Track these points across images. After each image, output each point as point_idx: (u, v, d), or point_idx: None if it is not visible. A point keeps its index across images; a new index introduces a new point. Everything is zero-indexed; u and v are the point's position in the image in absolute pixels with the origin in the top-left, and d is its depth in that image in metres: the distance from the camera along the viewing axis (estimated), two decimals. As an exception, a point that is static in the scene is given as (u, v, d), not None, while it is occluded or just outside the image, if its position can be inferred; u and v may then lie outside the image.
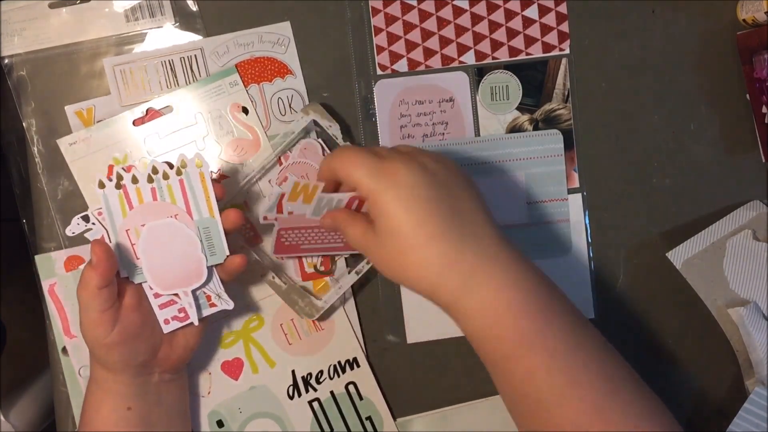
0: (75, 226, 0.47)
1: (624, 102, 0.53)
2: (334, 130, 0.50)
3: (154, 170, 0.43)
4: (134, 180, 0.43)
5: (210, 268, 0.44)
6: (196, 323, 0.45)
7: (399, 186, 0.39)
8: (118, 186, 0.43)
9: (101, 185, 0.43)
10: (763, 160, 0.53)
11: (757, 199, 0.53)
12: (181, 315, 0.45)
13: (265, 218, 0.45)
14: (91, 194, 0.50)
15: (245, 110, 0.51)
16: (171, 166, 0.44)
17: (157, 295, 0.44)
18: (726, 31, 0.53)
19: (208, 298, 0.45)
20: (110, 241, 0.44)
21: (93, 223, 0.47)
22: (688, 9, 0.53)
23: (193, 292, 0.45)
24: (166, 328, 0.45)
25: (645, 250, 0.53)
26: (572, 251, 0.53)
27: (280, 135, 0.50)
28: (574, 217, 0.53)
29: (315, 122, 0.50)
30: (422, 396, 0.52)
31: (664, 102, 0.53)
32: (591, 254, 0.53)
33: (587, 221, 0.53)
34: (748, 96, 0.53)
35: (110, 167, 0.49)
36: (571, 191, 0.53)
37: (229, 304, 0.45)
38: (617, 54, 0.53)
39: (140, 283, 0.44)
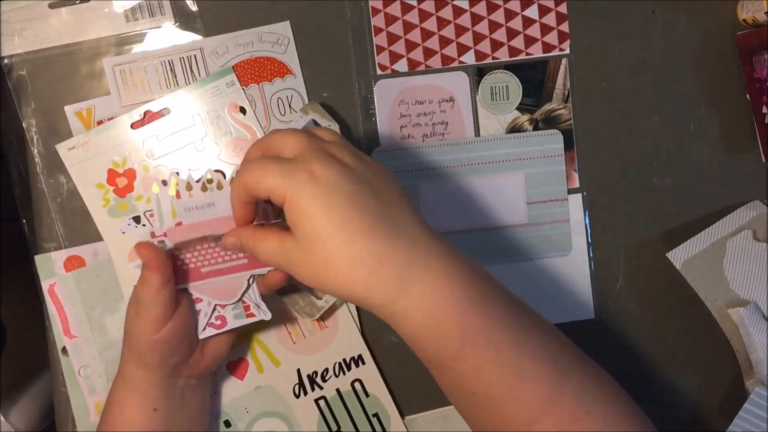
0: (125, 227, 0.50)
1: (624, 102, 0.53)
2: (333, 129, 0.50)
3: (209, 180, 0.43)
4: (188, 187, 0.43)
5: (251, 278, 0.44)
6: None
7: (317, 183, 0.35)
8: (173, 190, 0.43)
9: (156, 188, 0.43)
10: (763, 160, 0.53)
11: (757, 199, 0.53)
12: (218, 323, 0.45)
13: (152, 235, 0.41)
14: (91, 197, 0.50)
15: (243, 110, 0.51)
16: (225, 175, 0.43)
17: (197, 301, 0.44)
18: (726, 31, 0.53)
19: (246, 308, 0.45)
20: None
21: (143, 225, 0.50)
22: (688, 9, 0.53)
23: (216, 306, 0.44)
24: (202, 334, 0.44)
25: (645, 250, 0.53)
26: (572, 251, 0.53)
27: (280, 135, 0.50)
28: (574, 217, 0.53)
29: (315, 122, 0.50)
30: (427, 394, 0.52)
31: (664, 102, 0.53)
32: (591, 254, 0.53)
33: (587, 221, 0.53)
34: (748, 96, 0.53)
35: (110, 171, 0.50)
36: (571, 191, 0.53)
37: (267, 315, 0.45)
38: (617, 54, 0.53)
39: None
